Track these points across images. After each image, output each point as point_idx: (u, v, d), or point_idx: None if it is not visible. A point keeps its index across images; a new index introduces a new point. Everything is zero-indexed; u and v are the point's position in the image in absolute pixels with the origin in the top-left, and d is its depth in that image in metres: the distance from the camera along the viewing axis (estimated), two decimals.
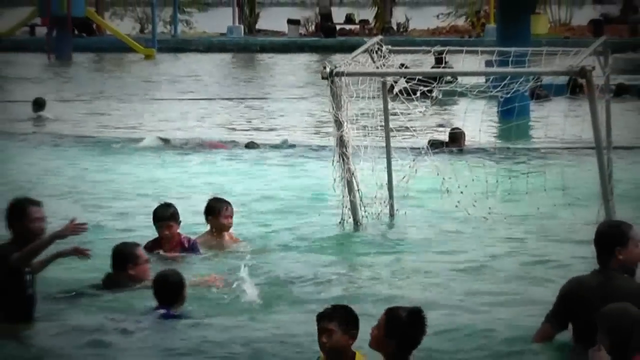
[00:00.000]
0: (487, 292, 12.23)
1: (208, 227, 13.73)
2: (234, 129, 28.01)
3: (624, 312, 8.98)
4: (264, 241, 14.27)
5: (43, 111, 28.13)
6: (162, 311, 11.07)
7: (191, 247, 13.10)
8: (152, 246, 12.90)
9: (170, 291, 11.18)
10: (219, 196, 14.09)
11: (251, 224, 15.12)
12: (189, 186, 18.07)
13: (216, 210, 13.59)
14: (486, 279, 12.74)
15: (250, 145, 23.03)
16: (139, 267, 12.01)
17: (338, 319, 8.98)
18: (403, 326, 8.81)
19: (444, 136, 22.19)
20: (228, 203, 13.71)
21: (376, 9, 66.52)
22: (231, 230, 13.83)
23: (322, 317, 9.08)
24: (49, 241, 10.27)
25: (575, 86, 25.40)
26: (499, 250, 13.93)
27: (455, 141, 21.65)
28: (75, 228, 10.23)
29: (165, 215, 13.14)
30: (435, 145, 21.22)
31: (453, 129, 22.36)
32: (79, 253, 10.63)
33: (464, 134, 21.86)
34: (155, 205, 13.61)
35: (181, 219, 13.32)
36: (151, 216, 13.41)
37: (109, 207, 16.70)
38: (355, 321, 9.05)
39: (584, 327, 9.67)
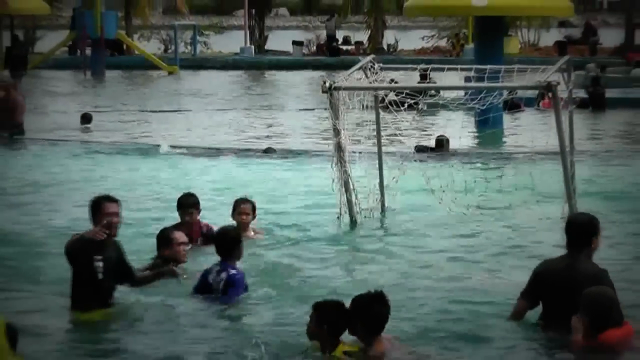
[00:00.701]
0: (467, 275, 12.29)
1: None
2: (247, 136, 28.07)
3: (603, 294, 9.35)
4: (274, 233, 14.30)
5: (90, 124, 28.33)
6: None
7: (208, 233, 13.01)
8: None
9: (229, 244, 11.18)
10: (245, 197, 13.88)
11: (261, 219, 14.75)
12: (220, 189, 17.82)
13: (234, 208, 13.60)
14: (466, 264, 12.83)
15: (269, 151, 22.96)
16: (171, 250, 11.92)
17: (318, 311, 9.08)
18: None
19: (430, 142, 22.25)
20: (246, 202, 13.69)
21: (369, 31, 66.50)
22: (256, 225, 13.84)
23: (313, 306, 9.26)
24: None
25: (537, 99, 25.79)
26: (476, 240, 14.09)
27: (440, 146, 21.88)
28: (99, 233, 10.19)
29: (188, 203, 13.27)
30: (420, 150, 21.54)
31: (439, 136, 22.43)
32: (174, 275, 10.83)
33: (448, 140, 22.00)
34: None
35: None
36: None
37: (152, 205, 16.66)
38: (332, 315, 9.02)
39: (552, 303, 9.83)
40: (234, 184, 18.29)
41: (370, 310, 8.93)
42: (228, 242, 11.24)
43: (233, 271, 11.09)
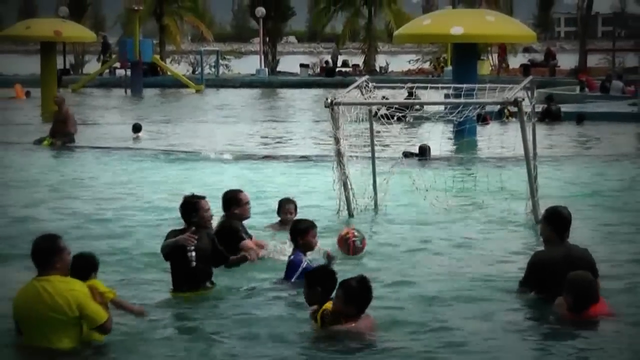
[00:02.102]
0: (445, 258, 12.38)
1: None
2: (262, 143, 28.08)
3: (584, 278, 9.34)
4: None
5: (140, 133, 28.31)
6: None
7: None
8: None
9: (299, 234, 10.97)
10: (288, 197, 13.85)
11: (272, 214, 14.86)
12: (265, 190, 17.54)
13: (280, 207, 13.56)
14: (445, 249, 12.86)
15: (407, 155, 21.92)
16: (242, 207, 11.93)
17: (311, 277, 9.17)
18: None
19: (415, 149, 22.15)
20: (290, 202, 13.59)
21: (364, 56, 66.83)
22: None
23: (305, 275, 9.35)
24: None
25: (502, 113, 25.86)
26: (454, 231, 14.04)
27: (423, 153, 21.76)
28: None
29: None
30: (407, 155, 21.48)
31: (422, 144, 22.33)
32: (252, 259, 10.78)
33: (430, 147, 21.87)
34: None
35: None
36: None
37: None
38: (319, 282, 8.99)
39: (554, 286, 9.61)
40: (251, 184, 18.22)
41: (354, 292, 8.81)
42: (299, 232, 11.03)
43: (291, 256, 10.96)
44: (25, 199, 17.02)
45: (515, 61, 65.23)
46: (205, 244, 10.20)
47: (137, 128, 28.67)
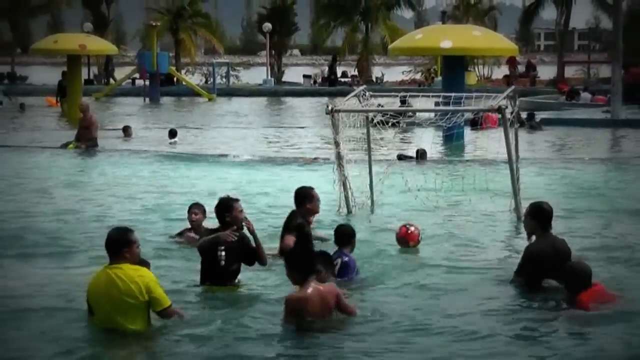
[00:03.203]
0: (435, 249, 12.40)
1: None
2: (271, 147, 27.95)
3: (577, 266, 9.54)
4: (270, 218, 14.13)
5: (176, 138, 27.99)
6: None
7: None
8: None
9: (345, 237, 10.88)
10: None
11: (280, 211, 14.81)
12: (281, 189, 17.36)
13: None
14: (435, 243, 12.85)
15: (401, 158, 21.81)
16: (313, 203, 11.94)
17: (290, 258, 8.87)
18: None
19: (407, 152, 22.13)
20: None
21: (362, 67, 66.87)
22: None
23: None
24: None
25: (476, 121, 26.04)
26: (443, 226, 14.04)
27: (420, 157, 21.67)
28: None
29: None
30: (402, 158, 21.50)
31: (419, 148, 22.23)
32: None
33: (426, 151, 21.83)
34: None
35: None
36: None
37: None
38: (297, 263, 8.70)
39: (545, 274, 9.88)
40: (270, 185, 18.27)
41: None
42: (345, 235, 10.93)
43: (346, 258, 10.78)
44: (58, 198, 17.03)
45: (499, 72, 65.31)
46: (236, 243, 9.98)
47: (173, 133, 28.26)
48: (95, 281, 8.56)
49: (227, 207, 10.10)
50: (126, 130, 29.41)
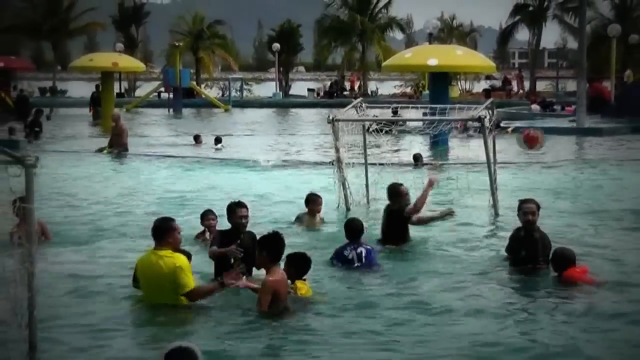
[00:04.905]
0: (424, 242, 12.31)
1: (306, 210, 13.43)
2: (278, 151, 27.90)
3: (563, 251, 9.82)
4: (290, 216, 13.98)
5: (221, 144, 27.57)
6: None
7: None
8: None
9: (357, 231, 10.73)
10: (314, 192, 13.74)
11: (285, 209, 15.04)
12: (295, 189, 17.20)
13: (310, 200, 13.37)
14: (422, 234, 12.67)
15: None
16: (402, 198, 11.79)
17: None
18: (267, 243, 8.52)
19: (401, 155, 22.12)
20: (319, 196, 13.45)
21: (359, 82, 66.88)
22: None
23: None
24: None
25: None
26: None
27: (417, 161, 21.19)
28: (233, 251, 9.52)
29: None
30: (417, 159, 20.96)
31: (415, 153, 21.88)
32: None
33: (422, 156, 21.61)
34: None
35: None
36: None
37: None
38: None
39: (530, 256, 10.14)
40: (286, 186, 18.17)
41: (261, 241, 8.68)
42: (355, 229, 10.78)
43: (368, 247, 10.75)
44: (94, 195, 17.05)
45: (479, 86, 65.26)
46: (248, 244, 9.62)
47: (218, 140, 27.82)
48: (142, 262, 8.83)
49: (230, 212, 9.95)
50: (197, 139, 29.03)
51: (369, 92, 64.58)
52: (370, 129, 16.33)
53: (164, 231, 8.68)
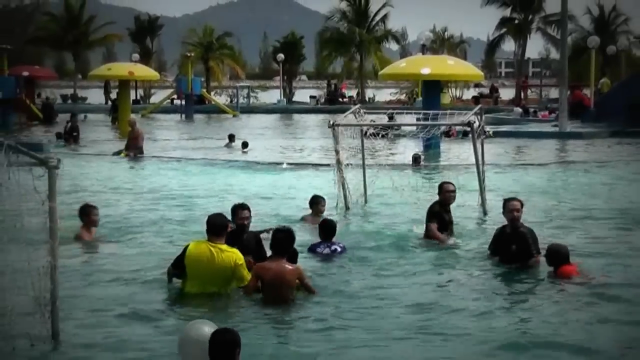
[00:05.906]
0: (417, 238, 12.15)
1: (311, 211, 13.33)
2: (284, 153, 27.80)
3: (557, 247, 9.67)
4: (298, 215, 13.99)
5: (248, 148, 27.29)
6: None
7: None
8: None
9: (331, 230, 10.75)
10: (318, 194, 13.58)
11: (288, 208, 14.99)
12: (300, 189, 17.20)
13: (315, 202, 13.25)
14: (415, 230, 12.62)
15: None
16: (444, 194, 11.99)
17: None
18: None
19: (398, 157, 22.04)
20: (323, 198, 13.33)
21: (357, 89, 66.88)
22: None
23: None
24: None
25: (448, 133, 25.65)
26: (422, 219, 13.31)
27: (416, 161, 21.18)
28: None
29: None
30: (416, 159, 20.86)
31: (414, 154, 21.87)
32: None
33: (420, 156, 21.51)
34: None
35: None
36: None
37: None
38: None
39: (516, 253, 10.00)
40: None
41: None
42: (331, 229, 10.81)
43: (340, 245, 10.78)
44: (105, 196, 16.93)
45: (468, 94, 65.22)
46: (252, 244, 9.56)
47: (245, 144, 27.53)
48: (196, 252, 8.64)
49: (233, 213, 9.81)
50: (231, 138, 28.54)
51: (367, 99, 64.57)
52: (368, 133, 16.27)
53: (220, 227, 8.67)
